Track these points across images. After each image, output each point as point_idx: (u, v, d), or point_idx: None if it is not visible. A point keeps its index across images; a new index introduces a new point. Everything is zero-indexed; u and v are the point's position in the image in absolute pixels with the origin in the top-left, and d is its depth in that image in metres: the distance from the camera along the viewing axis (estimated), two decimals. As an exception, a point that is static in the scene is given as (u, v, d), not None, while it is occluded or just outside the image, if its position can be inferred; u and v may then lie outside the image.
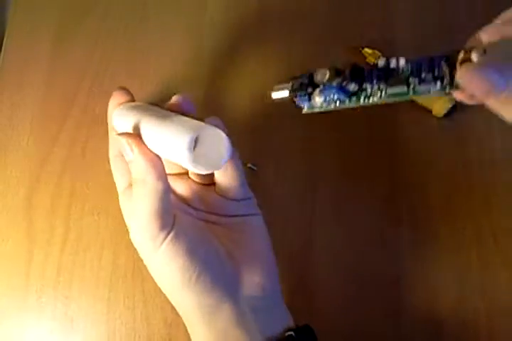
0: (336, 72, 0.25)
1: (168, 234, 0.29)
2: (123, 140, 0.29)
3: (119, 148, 0.34)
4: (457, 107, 0.42)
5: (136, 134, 0.30)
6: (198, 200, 0.34)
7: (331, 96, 0.25)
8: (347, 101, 0.25)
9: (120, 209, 0.42)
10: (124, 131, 0.33)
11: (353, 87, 0.24)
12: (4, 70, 0.47)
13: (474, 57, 0.22)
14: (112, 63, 0.47)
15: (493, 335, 0.38)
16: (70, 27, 0.48)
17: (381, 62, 0.24)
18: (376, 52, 0.44)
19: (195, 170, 0.28)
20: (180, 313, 0.32)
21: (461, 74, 0.22)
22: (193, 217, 0.33)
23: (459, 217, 0.41)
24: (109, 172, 0.43)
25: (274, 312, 0.33)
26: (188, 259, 0.29)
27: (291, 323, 0.33)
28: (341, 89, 0.24)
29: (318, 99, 0.25)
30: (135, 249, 0.41)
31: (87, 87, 0.46)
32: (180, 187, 0.34)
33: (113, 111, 0.35)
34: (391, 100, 0.24)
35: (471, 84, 0.21)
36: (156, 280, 0.32)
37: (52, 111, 0.46)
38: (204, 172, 0.28)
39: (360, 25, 0.46)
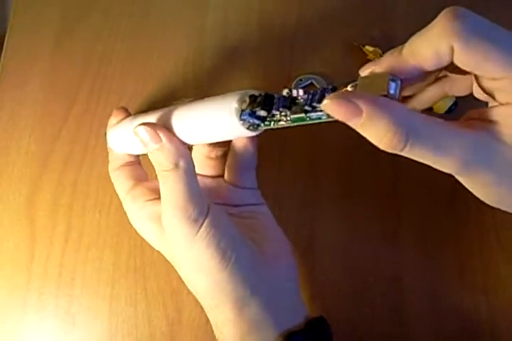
0: (253, 100, 0.28)
1: (207, 216, 0.30)
2: (146, 129, 0.29)
3: (119, 162, 0.36)
4: (458, 104, 0.42)
5: (157, 123, 0.30)
6: (208, 192, 0.35)
7: (249, 120, 0.28)
8: (262, 124, 0.29)
9: (121, 207, 0.42)
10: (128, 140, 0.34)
11: (262, 113, 0.28)
12: (6, 68, 0.47)
13: (349, 89, 0.26)
14: (114, 62, 0.47)
15: (495, 331, 0.38)
16: (71, 25, 0.48)
17: (285, 92, 0.28)
18: (377, 49, 0.44)
19: (246, 131, 0.29)
20: (209, 301, 0.32)
21: (325, 102, 0.24)
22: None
23: (462, 213, 0.41)
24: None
25: (296, 301, 0.34)
26: (227, 241, 0.30)
27: (307, 313, 0.33)
28: (253, 114, 0.28)
29: (245, 121, 0.29)
30: (137, 247, 0.41)
31: (88, 85, 0.46)
32: None
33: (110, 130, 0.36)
34: (296, 124, 0.27)
35: (329, 111, 0.24)
36: (188, 268, 0.32)
37: (54, 109, 0.46)
38: (255, 133, 0.30)
39: (361, 23, 0.46)
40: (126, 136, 0.35)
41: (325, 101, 0.24)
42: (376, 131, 0.23)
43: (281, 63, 0.46)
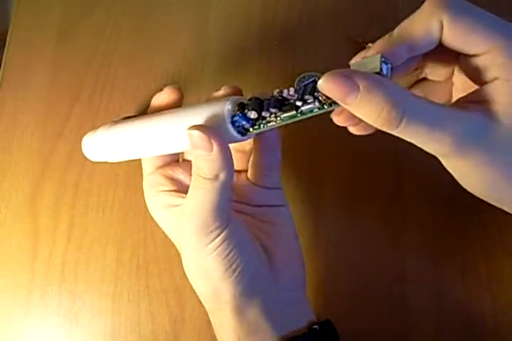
0: (242, 106, 0.29)
1: (223, 231, 0.29)
2: (199, 135, 0.27)
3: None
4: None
5: (208, 126, 0.28)
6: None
7: (240, 122, 0.28)
8: (251, 129, 0.29)
9: (124, 205, 0.42)
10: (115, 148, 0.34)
11: (253, 115, 0.28)
12: (8, 67, 0.47)
13: None
14: (116, 60, 0.47)
15: (499, 329, 0.38)
16: (73, 23, 0.48)
17: (275, 92, 0.28)
18: (380, 47, 0.44)
19: (236, 136, 0.29)
20: (210, 304, 0.32)
21: (321, 81, 0.24)
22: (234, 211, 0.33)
23: (464, 213, 0.41)
24: (113, 169, 0.43)
25: (301, 306, 0.33)
26: (236, 254, 0.29)
27: (314, 317, 0.33)
28: (243, 116, 0.28)
29: (236, 124, 0.29)
30: (140, 245, 0.41)
31: (91, 83, 0.46)
32: None
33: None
34: (285, 122, 0.28)
35: (325, 89, 0.24)
36: (191, 271, 0.32)
37: (56, 107, 0.46)
38: (245, 138, 0.29)
39: (364, 20, 0.46)
40: (103, 144, 0.35)
41: (320, 81, 0.24)
42: (372, 108, 0.23)
43: (284, 61, 0.46)
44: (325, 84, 0.24)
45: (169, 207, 0.32)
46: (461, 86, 0.30)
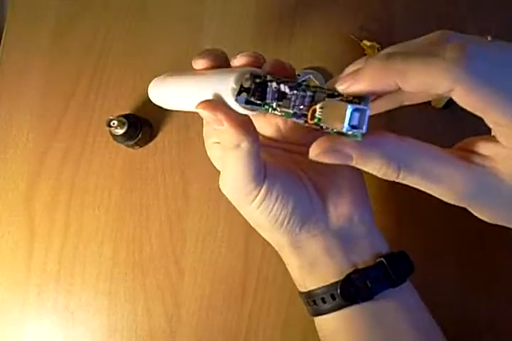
0: (253, 81, 0.28)
1: (260, 190, 0.30)
2: (206, 113, 0.28)
3: None
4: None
5: (216, 101, 0.28)
6: (278, 131, 0.34)
7: (244, 105, 0.28)
8: (259, 108, 0.28)
9: (119, 203, 0.42)
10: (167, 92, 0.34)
11: (256, 99, 0.27)
12: (3, 65, 0.47)
13: (317, 109, 0.25)
14: (111, 57, 0.47)
15: (494, 326, 0.38)
16: (68, 21, 0.48)
17: (273, 86, 0.27)
18: (375, 44, 0.44)
19: (243, 110, 0.28)
20: (274, 245, 0.34)
21: (311, 154, 0.25)
22: (278, 155, 0.34)
23: (462, 212, 0.41)
24: (109, 167, 0.43)
25: (363, 241, 0.33)
26: (279, 207, 0.30)
27: (384, 250, 0.33)
28: (248, 101, 0.27)
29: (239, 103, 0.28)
30: (135, 243, 0.41)
31: (86, 81, 0.46)
32: (259, 121, 0.34)
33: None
34: (287, 117, 0.27)
35: (321, 160, 0.25)
36: (250, 222, 0.33)
37: (52, 105, 0.46)
38: (253, 113, 0.29)
39: (359, 17, 0.46)
40: (158, 90, 0.35)
41: (314, 153, 0.25)
42: (370, 168, 0.24)
43: (279, 56, 0.46)
44: (319, 158, 0.25)
45: (220, 159, 0.32)
46: None
